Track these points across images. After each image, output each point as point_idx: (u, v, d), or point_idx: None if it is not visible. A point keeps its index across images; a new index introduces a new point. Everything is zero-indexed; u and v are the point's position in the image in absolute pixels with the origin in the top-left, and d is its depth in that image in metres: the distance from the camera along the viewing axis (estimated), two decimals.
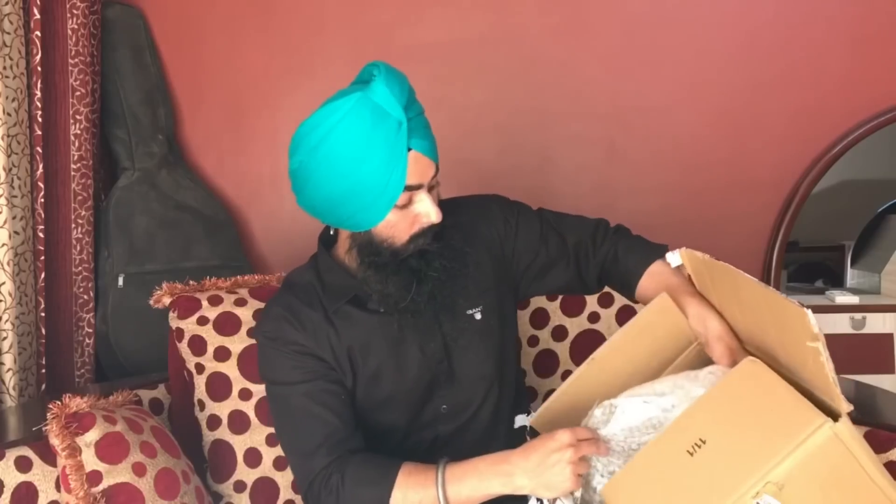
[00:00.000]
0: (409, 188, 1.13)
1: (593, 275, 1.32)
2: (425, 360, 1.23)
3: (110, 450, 1.19)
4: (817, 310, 2.08)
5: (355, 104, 1.10)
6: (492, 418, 1.28)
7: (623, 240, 1.31)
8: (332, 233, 1.28)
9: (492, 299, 1.27)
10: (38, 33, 1.77)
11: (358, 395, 1.24)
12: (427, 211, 1.15)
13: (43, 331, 1.80)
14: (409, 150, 1.12)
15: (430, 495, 1.09)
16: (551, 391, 1.30)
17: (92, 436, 1.18)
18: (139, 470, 1.20)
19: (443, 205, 1.22)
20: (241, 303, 1.50)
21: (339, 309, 1.23)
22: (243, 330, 1.47)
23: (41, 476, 1.21)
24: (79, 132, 1.87)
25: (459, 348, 1.24)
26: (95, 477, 1.17)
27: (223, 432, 1.43)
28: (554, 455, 1.03)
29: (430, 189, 1.17)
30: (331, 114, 1.11)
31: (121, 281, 1.94)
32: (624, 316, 1.59)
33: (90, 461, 1.17)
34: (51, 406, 1.19)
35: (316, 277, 1.26)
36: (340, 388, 1.22)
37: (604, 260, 1.31)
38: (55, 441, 1.17)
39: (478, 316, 1.25)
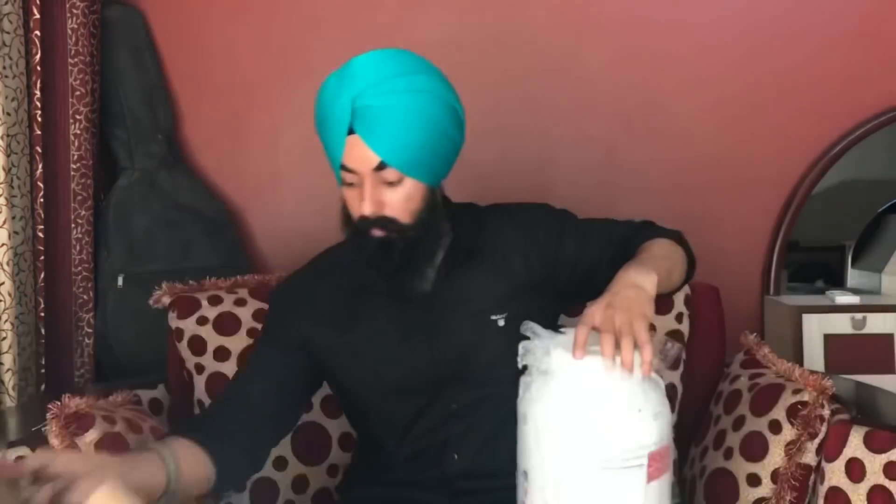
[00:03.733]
0: (346, 168, 1.14)
1: None
2: (431, 356, 1.23)
3: (110, 450, 1.18)
4: (817, 310, 2.11)
5: (328, 79, 1.15)
6: (506, 417, 1.26)
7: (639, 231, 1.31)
8: None
9: (521, 307, 1.23)
10: (37, 33, 1.76)
11: (354, 379, 1.26)
12: (361, 198, 1.13)
13: (42, 331, 1.80)
14: (352, 132, 1.12)
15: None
16: None
17: (91, 436, 1.18)
18: None
19: (485, 209, 1.28)
20: (240, 303, 1.50)
21: (363, 284, 1.24)
22: (243, 330, 1.47)
23: None
24: (78, 132, 1.87)
25: (476, 351, 1.23)
26: None
27: None
28: None
29: (389, 184, 1.14)
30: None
31: (120, 281, 1.94)
32: None
33: None
34: (50, 406, 1.19)
35: (346, 251, 1.27)
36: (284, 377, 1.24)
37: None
38: (55, 441, 1.17)
39: (501, 322, 1.23)
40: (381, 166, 1.12)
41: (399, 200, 1.15)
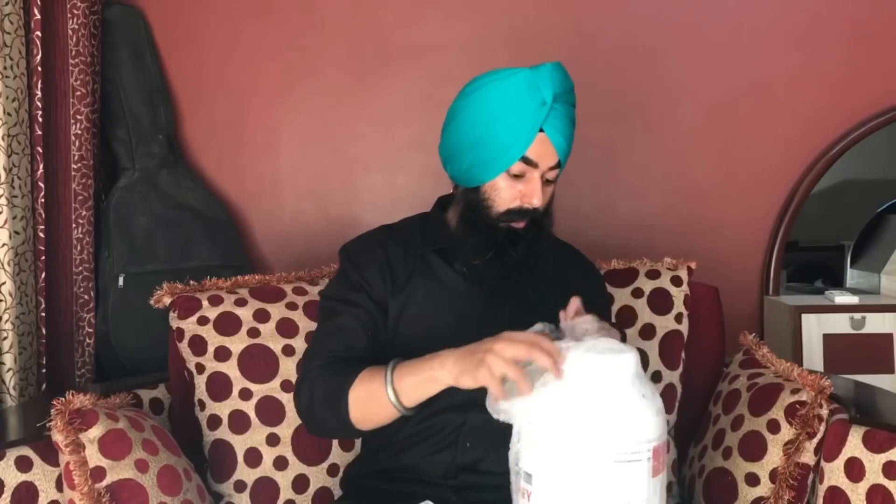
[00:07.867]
0: (526, 161, 1.24)
1: None
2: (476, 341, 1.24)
3: (113, 446, 1.19)
4: (816, 310, 2.11)
5: (517, 73, 1.24)
6: None
7: None
8: (452, 190, 1.39)
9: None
10: (38, 33, 1.77)
11: (398, 330, 1.30)
12: (532, 191, 1.25)
13: (43, 331, 1.80)
14: (541, 130, 1.23)
15: (378, 380, 1.16)
16: None
17: (95, 432, 1.19)
18: (142, 466, 1.20)
19: (565, 246, 1.40)
20: (241, 303, 1.50)
21: (427, 255, 1.33)
22: (243, 330, 1.47)
23: (41, 476, 1.21)
24: (79, 132, 1.87)
25: None
26: (99, 473, 1.17)
27: (223, 432, 1.43)
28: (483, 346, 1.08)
29: (546, 182, 1.28)
30: (495, 74, 1.27)
31: (121, 281, 1.94)
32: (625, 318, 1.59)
33: (94, 457, 1.18)
34: (54, 402, 1.19)
35: (419, 225, 1.39)
36: (375, 328, 1.30)
37: None
38: (59, 437, 1.17)
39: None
40: (555, 165, 1.27)
41: (548, 197, 1.31)
